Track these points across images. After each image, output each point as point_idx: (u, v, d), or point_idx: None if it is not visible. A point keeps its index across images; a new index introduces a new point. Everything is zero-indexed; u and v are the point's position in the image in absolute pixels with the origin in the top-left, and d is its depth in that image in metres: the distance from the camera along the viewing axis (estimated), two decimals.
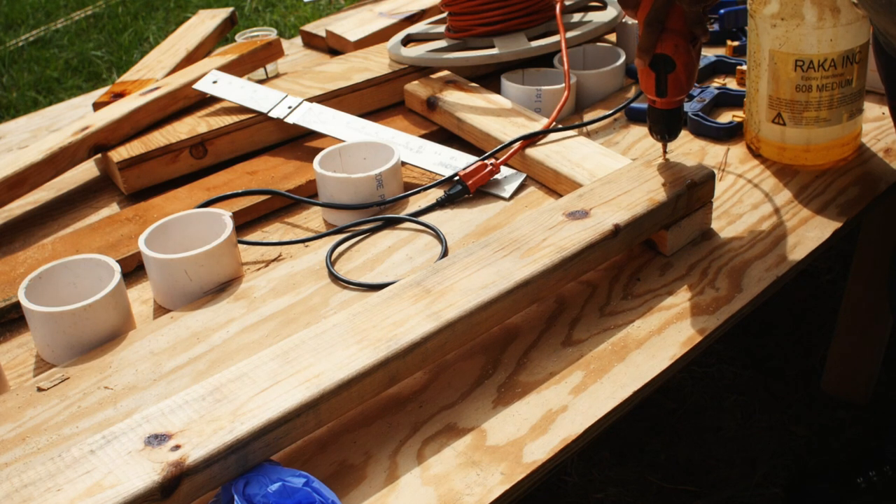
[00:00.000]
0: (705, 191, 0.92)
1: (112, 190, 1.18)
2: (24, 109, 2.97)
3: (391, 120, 1.24)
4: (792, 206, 0.99)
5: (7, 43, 3.54)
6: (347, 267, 0.94)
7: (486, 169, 1.04)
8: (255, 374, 0.69)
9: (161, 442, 0.63)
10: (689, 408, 1.56)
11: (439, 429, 0.73)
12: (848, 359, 1.51)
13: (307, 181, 1.09)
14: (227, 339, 0.85)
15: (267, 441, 0.65)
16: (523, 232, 0.85)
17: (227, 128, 1.17)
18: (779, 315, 1.73)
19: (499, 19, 1.25)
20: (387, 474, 0.69)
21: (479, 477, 0.68)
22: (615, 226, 0.85)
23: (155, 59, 1.43)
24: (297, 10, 3.69)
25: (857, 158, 1.07)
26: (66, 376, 0.82)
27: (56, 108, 1.54)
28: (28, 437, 0.75)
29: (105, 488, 0.59)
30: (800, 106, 1.02)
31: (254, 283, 0.93)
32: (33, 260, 0.99)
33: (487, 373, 0.79)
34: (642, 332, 0.82)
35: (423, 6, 1.54)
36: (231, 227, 0.93)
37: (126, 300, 0.88)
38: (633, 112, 1.19)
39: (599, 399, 0.75)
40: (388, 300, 0.77)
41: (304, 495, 0.62)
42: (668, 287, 0.88)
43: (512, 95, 1.21)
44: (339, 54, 1.48)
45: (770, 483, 1.41)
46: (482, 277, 0.79)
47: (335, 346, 0.71)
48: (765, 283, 0.87)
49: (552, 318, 0.85)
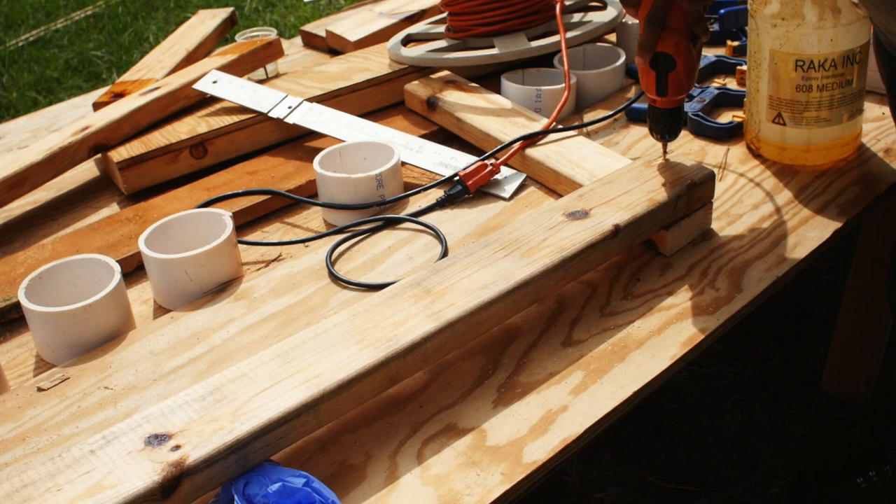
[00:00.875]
0: (705, 191, 0.92)
1: (112, 190, 1.18)
2: (24, 109, 2.97)
3: (391, 120, 1.24)
4: (792, 207, 0.99)
5: (7, 43, 3.54)
6: (347, 267, 0.94)
7: (486, 169, 1.04)
8: (255, 374, 0.69)
9: (161, 442, 0.63)
10: (689, 408, 1.56)
11: (439, 429, 0.73)
12: (848, 359, 1.51)
13: (307, 181, 1.09)
14: (228, 339, 0.85)
15: (267, 441, 0.65)
16: (523, 232, 0.85)
17: (227, 128, 1.17)
18: (779, 315, 1.73)
19: (499, 19, 1.25)
20: (387, 474, 0.69)
21: (479, 477, 0.68)
22: (615, 226, 0.85)
23: (155, 59, 1.43)
24: (297, 10, 3.69)
25: (857, 158, 1.07)
26: (66, 376, 0.82)
27: (56, 108, 1.54)
28: (28, 437, 0.75)
29: (105, 488, 0.59)
30: (800, 106, 1.02)
31: (254, 283, 0.93)
32: (33, 260, 0.99)
33: (487, 373, 0.79)
34: (642, 333, 0.82)
35: (423, 6, 1.54)
36: (231, 227, 0.93)
37: (126, 300, 0.88)
38: (634, 112, 1.19)
39: (599, 399, 0.75)
40: (389, 300, 0.77)
41: (304, 495, 0.62)
42: (668, 287, 0.88)
43: (512, 95, 1.21)
44: (339, 54, 1.48)
45: (770, 483, 1.41)
46: (482, 277, 0.79)
47: (335, 346, 0.71)
48: (765, 284, 0.87)
49: (552, 318, 0.85)
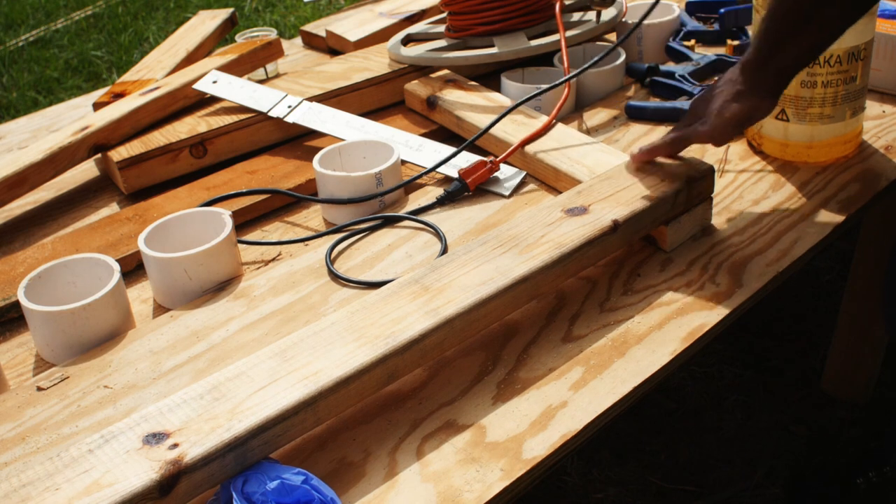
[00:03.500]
0: (705, 186, 0.92)
1: (112, 190, 1.18)
2: (24, 109, 2.97)
3: (391, 119, 1.24)
4: (792, 203, 0.99)
5: (7, 43, 3.54)
6: (347, 265, 0.94)
7: (485, 167, 1.04)
8: (254, 373, 0.69)
9: (159, 441, 0.63)
10: (689, 408, 1.56)
11: (439, 425, 0.73)
12: (848, 359, 1.51)
13: (307, 180, 1.09)
14: (227, 338, 0.85)
15: (265, 439, 0.65)
16: (522, 229, 0.85)
17: (226, 127, 1.17)
18: (779, 315, 1.73)
19: (498, 18, 1.25)
20: (386, 471, 0.69)
21: (479, 473, 0.68)
22: (614, 221, 0.85)
23: (155, 60, 1.43)
24: (297, 10, 3.69)
25: (857, 155, 1.07)
26: (66, 375, 0.81)
27: (56, 108, 1.54)
28: (28, 436, 0.75)
29: (103, 487, 0.59)
30: (804, 102, 1.02)
31: (253, 282, 0.93)
32: (33, 259, 0.99)
33: (487, 369, 0.78)
34: (642, 328, 0.82)
35: (423, 6, 1.54)
36: (230, 225, 0.92)
37: (125, 299, 0.88)
38: (633, 110, 1.18)
39: (599, 395, 0.75)
40: (387, 298, 0.76)
41: (302, 493, 0.62)
42: (668, 283, 0.88)
43: (512, 94, 1.21)
44: (339, 54, 1.48)
45: (770, 483, 1.40)
46: (480, 274, 0.78)
47: (333, 343, 0.71)
48: (765, 279, 0.87)
49: (552, 314, 0.85)
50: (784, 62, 0.87)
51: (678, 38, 1.35)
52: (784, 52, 0.86)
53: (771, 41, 0.86)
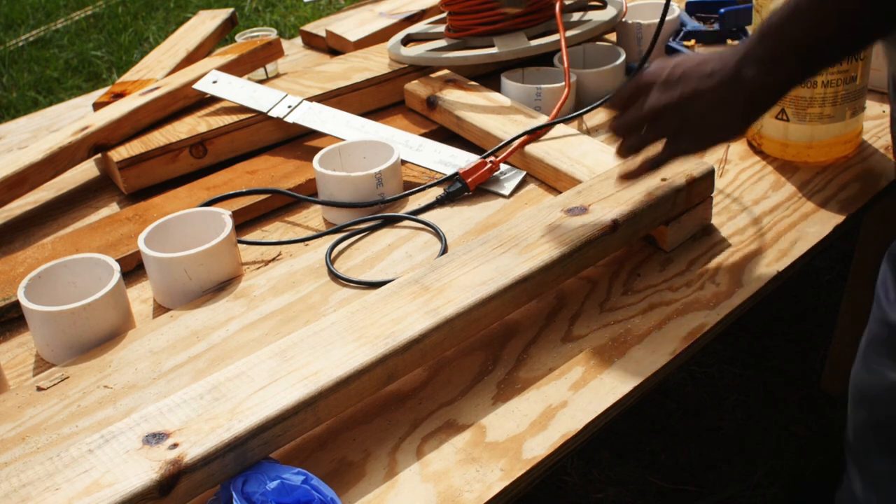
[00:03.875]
0: (704, 186, 0.92)
1: (112, 190, 1.18)
2: (24, 109, 2.97)
3: (391, 119, 1.24)
4: (792, 202, 0.99)
5: (7, 43, 3.54)
6: (347, 265, 0.94)
7: (485, 167, 1.04)
8: (253, 373, 0.69)
9: (159, 441, 0.63)
10: (689, 408, 1.56)
11: (439, 425, 0.73)
12: (848, 359, 1.50)
13: (307, 180, 1.09)
14: (227, 338, 0.85)
15: (265, 439, 0.65)
16: (521, 229, 0.85)
17: (226, 127, 1.17)
18: (779, 315, 1.73)
19: (498, 18, 1.25)
20: (386, 471, 0.69)
21: (479, 473, 0.68)
22: (614, 221, 0.85)
23: (155, 60, 1.43)
24: (297, 10, 3.69)
25: (857, 155, 1.07)
26: (66, 375, 0.81)
27: (56, 108, 1.54)
28: (28, 436, 0.75)
29: (103, 487, 0.59)
30: (804, 102, 1.02)
31: (253, 282, 0.93)
32: (33, 259, 0.99)
33: (487, 369, 0.78)
34: (642, 328, 0.82)
35: (423, 6, 1.54)
36: (230, 225, 0.93)
37: (125, 299, 0.88)
38: None
39: (599, 395, 0.75)
40: (386, 298, 0.77)
41: (302, 493, 0.62)
42: (668, 282, 0.88)
43: (512, 94, 1.21)
44: (339, 54, 1.48)
45: (770, 483, 1.40)
46: (480, 274, 0.78)
47: (333, 343, 0.71)
48: (765, 279, 0.87)
49: (552, 313, 0.85)
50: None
51: (678, 38, 1.34)
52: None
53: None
